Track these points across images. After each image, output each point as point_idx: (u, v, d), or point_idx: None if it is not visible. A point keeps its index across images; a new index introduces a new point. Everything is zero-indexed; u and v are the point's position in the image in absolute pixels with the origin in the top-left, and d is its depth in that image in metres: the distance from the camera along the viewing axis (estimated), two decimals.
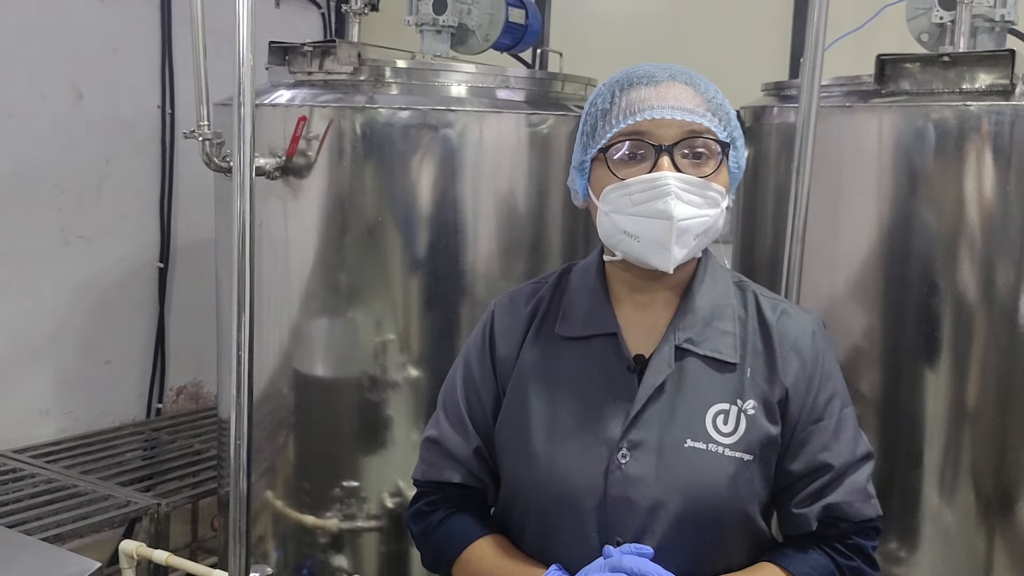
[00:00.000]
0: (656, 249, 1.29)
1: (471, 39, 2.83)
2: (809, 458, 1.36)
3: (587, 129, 1.37)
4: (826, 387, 1.38)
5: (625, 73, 1.36)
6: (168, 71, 3.55)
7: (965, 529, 2.20)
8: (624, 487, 1.31)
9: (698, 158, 1.31)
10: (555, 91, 2.65)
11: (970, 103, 2.01)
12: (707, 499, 1.31)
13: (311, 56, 2.45)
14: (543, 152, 2.50)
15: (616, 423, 1.34)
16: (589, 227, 2.61)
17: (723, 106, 1.34)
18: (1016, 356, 2.11)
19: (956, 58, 2.02)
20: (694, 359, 1.36)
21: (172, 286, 3.65)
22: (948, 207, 2.11)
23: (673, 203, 1.26)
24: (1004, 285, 2.11)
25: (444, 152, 2.41)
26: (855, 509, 1.36)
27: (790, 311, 1.42)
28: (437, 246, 2.44)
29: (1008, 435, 2.15)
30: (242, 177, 1.78)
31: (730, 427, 1.33)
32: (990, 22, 2.27)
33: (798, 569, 1.34)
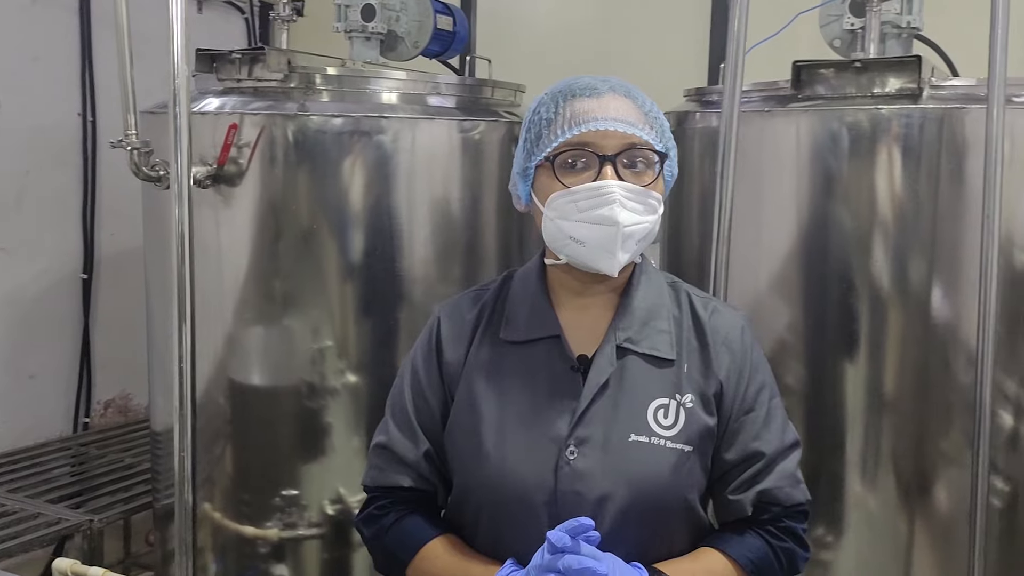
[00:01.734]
0: (602, 254, 1.35)
1: (400, 46, 2.86)
2: (742, 447, 1.43)
3: (531, 137, 1.42)
4: (755, 379, 1.46)
5: (567, 84, 1.41)
6: (89, 78, 3.48)
7: (887, 513, 2.30)
8: (573, 481, 1.37)
9: (637, 167, 1.37)
10: (485, 97, 2.69)
11: (881, 107, 2.11)
12: (651, 490, 1.38)
13: (240, 63, 2.44)
14: (476, 157, 2.54)
15: (563, 421, 1.39)
16: (523, 231, 2.69)
17: (659, 119, 1.41)
18: (931, 347, 2.22)
19: (867, 64, 2.13)
20: (634, 357, 1.42)
21: (97, 297, 3.58)
22: (862, 206, 2.21)
23: (618, 210, 1.33)
24: (917, 279, 2.22)
25: (377, 158, 2.43)
26: (786, 494, 1.44)
27: (720, 309, 1.50)
28: (373, 252, 2.46)
29: (925, 422, 2.26)
30: (180, 187, 1.78)
31: (670, 420, 1.40)
32: (897, 28, 2.39)
33: (736, 552, 1.42)
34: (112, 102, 3.49)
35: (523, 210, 1.50)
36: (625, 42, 3.74)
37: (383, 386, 2.51)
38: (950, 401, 2.24)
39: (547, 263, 1.47)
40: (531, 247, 2.72)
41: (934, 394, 2.25)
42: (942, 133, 2.10)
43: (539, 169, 1.41)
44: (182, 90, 1.77)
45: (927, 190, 2.16)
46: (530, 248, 2.72)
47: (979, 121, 2.02)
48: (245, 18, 4.26)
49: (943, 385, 2.24)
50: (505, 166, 2.58)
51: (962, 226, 2.15)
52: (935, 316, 2.21)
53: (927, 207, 2.17)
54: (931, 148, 2.11)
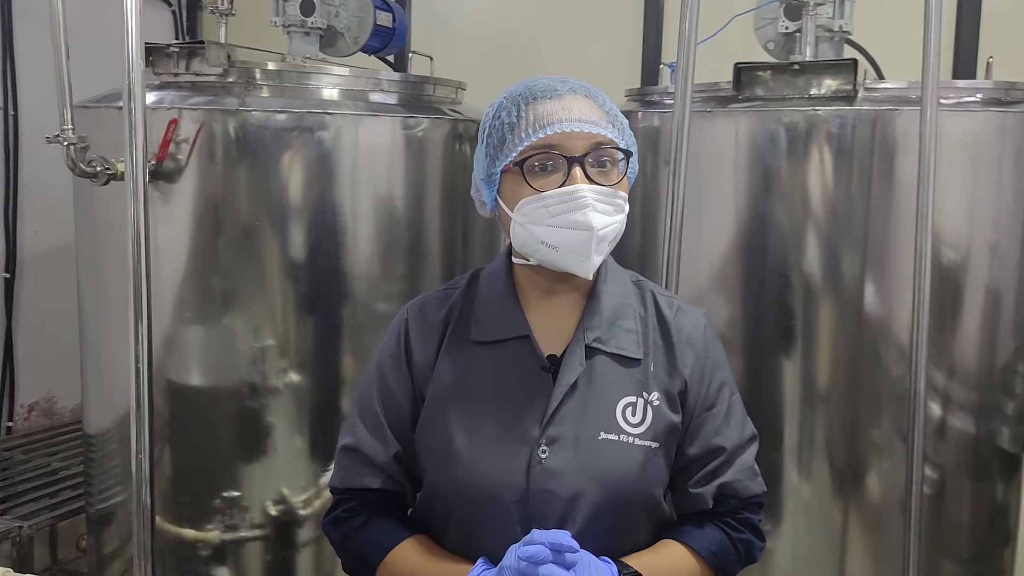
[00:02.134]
0: (576, 258, 1.36)
1: (340, 41, 2.83)
2: (704, 442, 1.46)
3: (493, 142, 1.40)
4: (716, 376, 1.48)
5: (526, 87, 1.41)
6: (10, 71, 3.36)
7: (822, 502, 2.38)
8: (545, 480, 1.37)
9: (604, 166, 1.37)
10: (427, 94, 2.68)
11: (818, 108, 2.18)
12: (621, 486, 1.39)
13: (177, 57, 2.39)
14: (419, 155, 2.53)
15: (534, 421, 1.40)
16: (467, 228, 2.69)
17: (619, 117, 1.42)
18: (863, 341, 2.30)
19: (805, 66, 2.19)
20: (602, 356, 1.43)
21: (20, 297, 3.46)
22: (799, 205, 2.28)
23: (591, 214, 1.33)
24: (850, 275, 2.30)
25: (320, 155, 2.40)
26: (744, 487, 1.47)
27: (684, 307, 1.52)
28: (315, 249, 2.43)
29: (858, 414, 2.35)
30: (135, 184, 1.74)
31: (638, 418, 1.41)
32: (830, 32, 2.46)
33: (697, 543, 1.44)
34: (34, 95, 3.39)
35: (488, 216, 1.48)
36: (559, 42, 3.78)
37: (326, 385, 2.52)
38: (881, 393, 2.33)
39: (515, 262, 1.47)
40: (475, 245, 2.73)
41: (866, 386, 2.33)
42: (875, 134, 2.18)
43: (505, 174, 1.40)
44: (137, 84, 1.73)
45: (860, 189, 2.23)
46: (474, 246, 2.73)
47: (910, 123, 2.10)
48: (172, 11, 4.16)
49: (874, 377, 2.32)
50: (449, 163, 2.59)
51: (893, 224, 2.24)
52: (867, 311, 2.29)
53: (860, 205, 2.25)
54: (864, 148, 2.19)
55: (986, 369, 2.34)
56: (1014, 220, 2.29)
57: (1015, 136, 2.25)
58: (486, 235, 2.77)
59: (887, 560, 2.36)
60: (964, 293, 2.29)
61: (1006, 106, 2.27)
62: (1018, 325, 2.36)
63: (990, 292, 2.30)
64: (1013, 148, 2.25)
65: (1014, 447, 2.45)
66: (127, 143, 1.79)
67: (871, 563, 2.39)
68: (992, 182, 2.25)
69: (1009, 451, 2.44)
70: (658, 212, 2.31)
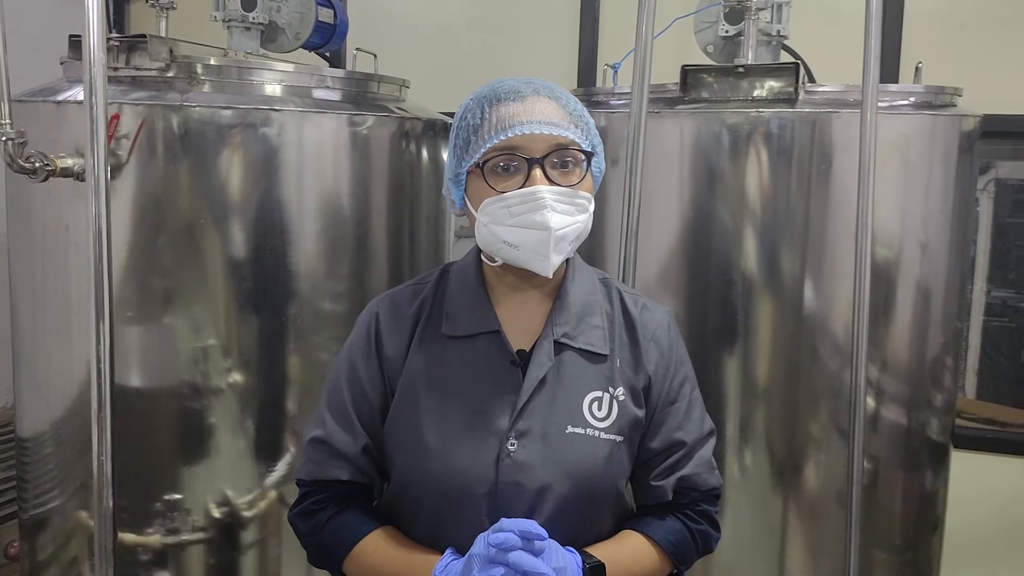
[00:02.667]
0: (535, 257, 1.39)
1: (281, 37, 2.80)
2: (666, 436, 1.51)
3: (460, 143, 1.44)
4: (679, 373, 1.54)
5: (491, 89, 1.44)
6: None
7: (763, 493, 2.45)
8: (514, 473, 1.41)
9: (565, 167, 1.41)
10: (371, 92, 2.67)
11: (762, 110, 2.24)
12: (587, 478, 1.43)
13: (117, 51, 2.33)
14: (365, 152, 2.52)
15: (503, 414, 1.43)
16: (414, 227, 2.69)
17: (583, 117, 1.46)
18: (801, 337, 2.37)
19: (749, 69, 2.25)
20: (570, 352, 1.47)
21: None
22: (741, 204, 2.34)
23: (549, 215, 1.37)
24: (789, 273, 2.37)
25: (265, 152, 2.37)
26: (703, 480, 1.53)
27: (649, 305, 1.57)
28: (260, 247, 2.40)
29: (796, 407, 2.42)
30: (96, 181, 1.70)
31: (604, 412, 1.46)
32: (768, 36, 2.53)
33: (657, 534, 1.49)
34: None
35: (458, 214, 1.52)
36: (497, 41, 3.80)
37: (271, 385, 2.49)
38: (818, 387, 2.40)
39: (484, 262, 1.51)
40: (422, 243, 2.72)
41: (804, 380, 2.41)
42: (814, 135, 2.25)
43: (470, 174, 1.44)
44: (99, 79, 1.68)
45: (799, 189, 2.30)
46: (421, 244, 2.72)
47: (848, 124, 2.18)
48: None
49: (812, 372, 2.40)
50: (395, 162, 2.58)
51: (830, 223, 2.32)
52: (805, 307, 2.37)
53: (799, 205, 2.32)
54: (804, 149, 2.26)
55: (916, 363, 2.44)
56: (942, 219, 2.39)
57: (944, 138, 2.35)
58: (431, 235, 2.77)
59: (825, 550, 2.44)
60: (896, 290, 2.38)
61: (936, 109, 2.36)
62: (946, 320, 2.47)
63: (920, 289, 2.40)
64: (942, 150, 2.35)
65: (942, 437, 2.56)
66: (88, 140, 1.75)
67: (809, 553, 2.47)
68: (923, 182, 2.34)
69: (938, 441, 2.54)
70: (605, 211, 2.34)
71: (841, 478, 2.39)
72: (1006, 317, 3.60)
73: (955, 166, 2.37)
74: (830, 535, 2.42)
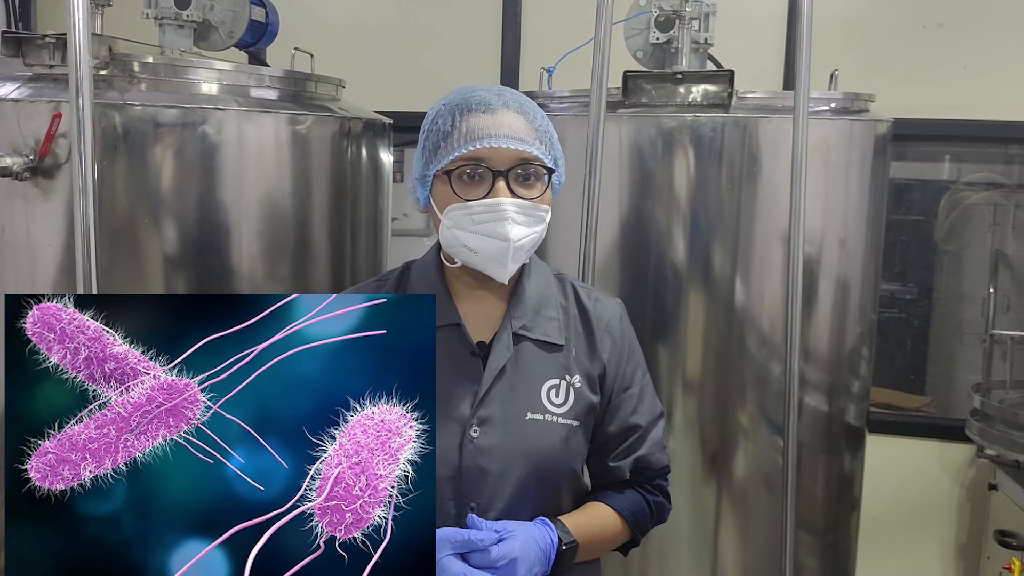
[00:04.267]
0: (494, 264, 1.48)
1: (213, 35, 2.77)
2: (622, 421, 1.61)
3: (429, 146, 1.50)
4: (632, 360, 1.64)
5: (463, 98, 1.50)
6: None
7: (696, 479, 2.57)
8: (476, 458, 1.48)
9: (528, 180, 1.49)
10: (309, 91, 2.68)
11: (699, 114, 2.35)
12: (546, 462, 1.52)
13: (53, 47, 2.28)
14: (305, 152, 2.53)
15: (466, 402, 1.50)
16: (356, 227, 2.70)
17: (548, 132, 1.53)
18: (732, 331, 2.50)
19: (686, 75, 2.36)
20: (528, 343, 1.55)
21: None
22: (677, 205, 2.45)
23: (510, 227, 1.45)
24: (719, 270, 2.49)
25: (204, 151, 2.36)
26: (656, 459, 1.64)
27: (602, 298, 1.66)
28: (199, 247, 2.38)
29: (726, 397, 2.55)
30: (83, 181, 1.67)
31: (561, 399, 1.54)
32: (696, 44, 2.65)
33: (619, 505, 1.61)
34: None
35: (422, 212, 1.59)
36: (419, 42, 3.83)
37: None
38: (747, 378, 2.54)
39: (445, 263, 1.58)
40: (362, 244, 2.74)
41: (734, 373, 2.53)
42: (745, 139, 2.38)
43: (436, 178, 1.51)
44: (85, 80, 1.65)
45: (731, 189, 2.43)
46: (362, 244, 2.74)
47: (778, 129, 2.32)
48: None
49: (741, 363, 2.53)
50: (336, 162, 2.60)
51: (758, 222, 2.45)
52: (735, 302, 2.49)
53: (731, 205, 2.44)
54: (736, 152, 2.39)
55: (836, 352, 2.60)
56: (859, 217, 2.56)
57: (861, 142, 2.51)
58: (371, 234, 2.79)
59: (754, 533, 2.58)
60: (819, 284, 2.53)
61: (853, 115, 2.53)
62: (862, 312, 2.63)
63: (839, 283, 2.56)
64: (859, 153, 2.51)
65: (858, 422, 2.73)
66: (75, 140, 1.71)
67: (739, 537, 2.60)
68: (842, 183, 2.50)
69: (855, 426, 2.71)
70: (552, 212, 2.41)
71: (769, 464, 2.54)
72: (895, 308, 3.85)
73: (870, 168, 2.54)
74: (759, 518, 2.56)
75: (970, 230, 3.75)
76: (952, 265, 3.83)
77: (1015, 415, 2.99)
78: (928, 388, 3.92)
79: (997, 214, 3.73)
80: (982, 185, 3.74)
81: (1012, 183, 3.71)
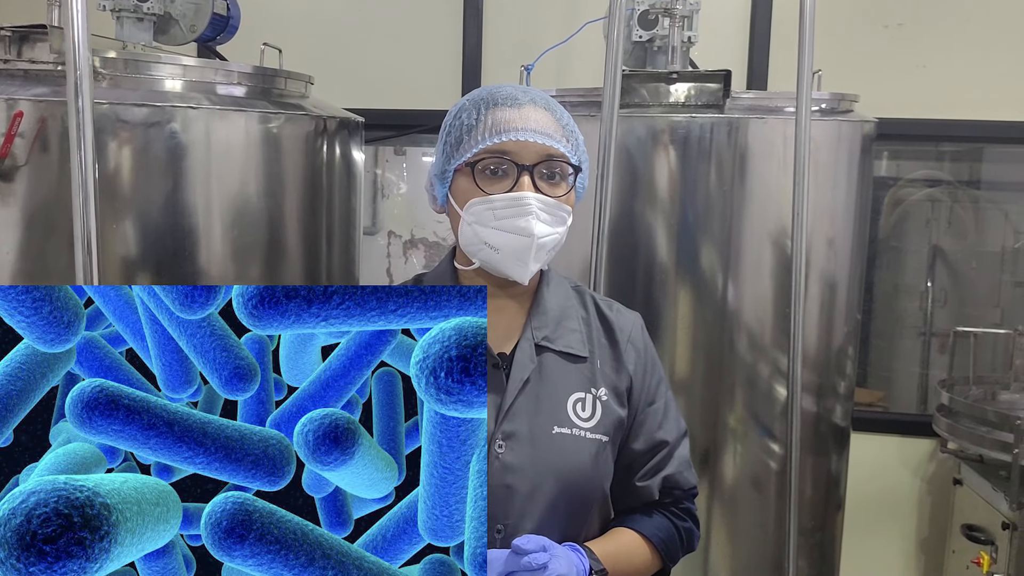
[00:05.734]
0: (514, 262, 1.40)
1: (174, 29, 2.64)
2: (648, 437, 1.53)
3: (451, 140, 1.43)
4: (655, 373, 1.57)
5: (489, 92, 1.43)
6: None
7: None
8: (503, 475, 1.39)
9: (553, 178, 1.42)
10: (279, 88, 2.55)
11: (694, 115, 2.31)
12: (576, 479, 1.44)
13: (9, 42, 2.13)
14: (276, 151, 2.41)
15: (489, 417, 1.41)
16: (331, 228, 2.59)
17: (574, 132, 1.47)
18: (723, 332, 2.47)
19: (682, 75, 2.32)
20: (551, 354, 1.47)
21: None
22: (669, 204, 2.41)
23: (534, 222, 1.37)
24: (708, 270, 2.46)
25: (172, 150, 2.23)
26: (684, 478, 1.57)
27: (622, 310, 1.60)
28: (165, 250, 2.25)
29: (716, 399, 2.52)
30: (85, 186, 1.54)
31: (588, 412, 1.47)
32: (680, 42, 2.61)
33: (649, 531, 1.52)
34: None
35: (438, 211, 1.51)
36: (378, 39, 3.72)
37: None
38: (736, 378, 2.51)
39: (459, 268, 1.49)
40: (337, 246, 2.63)
41: (725, 373, 2.51)
42: (738, 139, 2.35)
43: (457, 173, 1.43)
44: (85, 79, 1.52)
45: (726, 190, 2.40)
46: (336, 246, 2.63)
47: (774, 129, 2.28)
48: None
49: (731, 365, 2.50)
50: (310, 161, 2.48)
51: (748, 222, 2.42)
52: (728, 302, 2.46)
53: (720, 204, 2.41)
54: (731, 152, 2.35)
55: (823, 352, 2.59)
56: (846, 217, 2.55)
57: (848, 141, 2.51)
58: (344, 235, 2.67)
59: (743, 534, 2.56)
60: (808, 284, 2.51)
61: (840, 115, 2.51)
62: (849, 311, 2.63)
63: (827, 282, 2.55)
64: (847, 152, 2.51)
65: (844, 422, 2.73)
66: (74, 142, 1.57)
67: (729, 540, 2.58)
68: (830, 183, 2.49)
69: (841, 425, 2.71)
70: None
71: (758, 465, 2.52)
72: None
73: (857, 167, 2.53)
74: (749, 520, 2.54)
75: (910, 226, 3.81)
76: (893, 261, 3.88)
77: (983, 411, 3.03)
78: (870, 382, 3.95)
79: (934, 210, 3.80)
80: (923, 182, 3.80)
81: (953, 180, 3.78)
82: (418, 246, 4.19)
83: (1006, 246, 3.76)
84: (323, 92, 2.89)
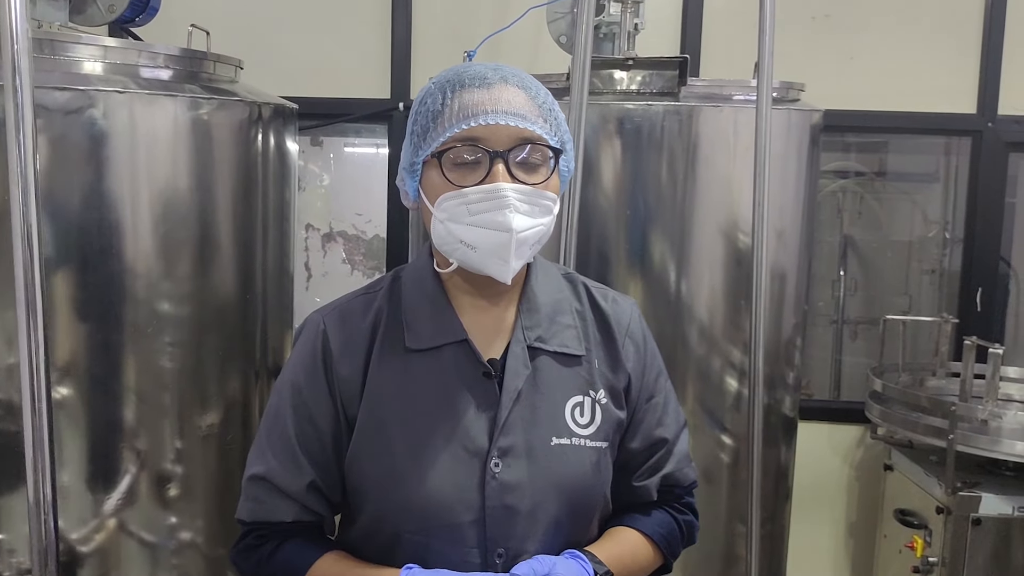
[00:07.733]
0: (494, 260, 1.28)
1: (91, 9, 2.46)
2: (646, 435, 1.45)
3: (417, 130, 1.31)
4: (654, 366, 1.48)
5: (456, 73, 1.31)
6: None
7: None
8: (502, 495, 1.30)
9: (531, 163, 1.30)
10: (207, 72, 2.40)
11: (651, 102, 2.25)
12: (578, 491, 1.35)
13: None
14: (206, 139, 2.26)
15: (482, 431, 1.31)
16: (266, 222, 2.45)
17: (553, 111, 1.35)
18: (675, 324, 2.43)
19: (638, 61, 2.26)
20: (545, 356, 1.37)
21: None
22: (622, 192, 2.35)
23: (512, 215, 1.26)
24: (659, 260, 2.42)
25: (96, 138, 2.06)
26: (684, 475, 1.49)
27: (617, 298, 1.49)
28: (90, 247, 2.09)
29: None
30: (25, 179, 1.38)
31: (587, 418, 1.37)
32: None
33: (650, 529, 1.45)
34: None
35: (412, 208, 1.39)
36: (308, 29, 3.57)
37: (107, 397, 2.16)
38: (688, 371, 2.47)
39: (438, 270, 1.38)
40: (272, 239, 2.49)
41: (675, 365, 2.45)
42: (692, 128, 2.30)
43: (426, 165, 1.32)
44: (23, 56, 1.35)
45: (679, 179, 2.37)
46: (271, 239, 2.49)
47: (730, 119, 2.26)
48: None
49: (683, 357, 2.46)
50: (243, 150, 2.34)
51: (700, 211, 2.38)
52: (680, 295, 2.43)
53: (674, 191, 2.36)
54: (685, 141, 2.31)
55: (773, 344, 2.56)
56: (795, 208, 2.53)
57: (797, 131, 2.49)
58: (278, 228, 2.53)
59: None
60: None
61: (788, 104, 2.50)
62: (797, 303, 2.62)
63: (776, 274, 2.53)
64: (796, 142, 2.49)
65: (792, 412, 2.73)
66: (13, 132, 1.41)
67: None
68: (779, 174, 2.46)
69: (789, 416, 2.71)
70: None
71: (709, 458, 2.50)
72: None
73: (806, 158, 2.52)
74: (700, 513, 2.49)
75: (823, 216, 3.86)
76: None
77: (916, 397, 3.08)
78: None
79: (845, 200, 3.85)
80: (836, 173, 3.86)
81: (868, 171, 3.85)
82: (336, 239, 4.05)
83: (914, 235, 3.86)
84: (250, 79, 2.74)
